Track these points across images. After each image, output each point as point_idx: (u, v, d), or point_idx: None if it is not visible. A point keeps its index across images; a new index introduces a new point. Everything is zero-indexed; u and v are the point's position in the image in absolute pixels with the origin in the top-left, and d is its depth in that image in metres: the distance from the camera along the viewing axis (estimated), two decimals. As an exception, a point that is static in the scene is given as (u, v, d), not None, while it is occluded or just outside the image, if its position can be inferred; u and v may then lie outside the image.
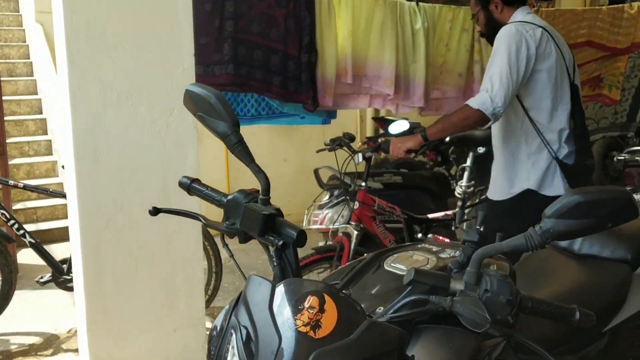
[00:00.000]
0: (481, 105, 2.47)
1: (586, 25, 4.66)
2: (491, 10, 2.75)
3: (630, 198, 1.02)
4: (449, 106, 4.29)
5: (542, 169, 2.60)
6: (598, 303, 1.52)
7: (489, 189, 2.84)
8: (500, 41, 2.55)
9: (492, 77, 2.50)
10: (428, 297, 1.04)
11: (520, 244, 1.06)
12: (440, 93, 4.05)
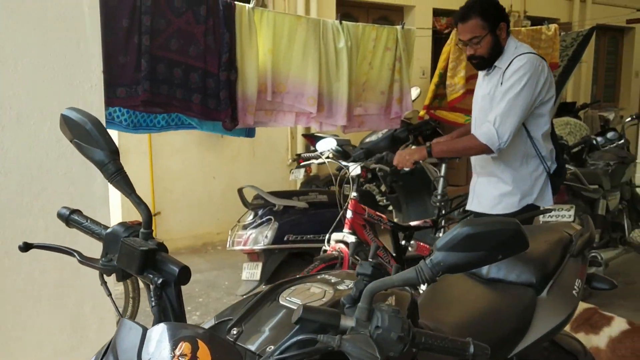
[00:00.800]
0: (488, 140, 2.64)
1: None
2: (498, 34, 2.76)
3: (519, 229, 1.01)
4: (371, 123, 4.32)
5: (541, 184, 2.82)
6: (504, 328, 1.51)
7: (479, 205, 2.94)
8: (520, 73, 2.63)
9: (503, 115, 2.63)
10: (316, 337, 0.99)
11: (412, 277, 1.02)
12: (362, 110, 4.08)
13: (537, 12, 8.72)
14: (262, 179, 5.96)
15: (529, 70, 2.64)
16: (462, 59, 4.63)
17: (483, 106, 2.89)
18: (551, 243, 1.75)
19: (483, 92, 2.91)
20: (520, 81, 2.63)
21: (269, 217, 3.53)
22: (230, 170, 6.00)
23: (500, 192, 2.85)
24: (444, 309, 1.57)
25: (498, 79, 2.78)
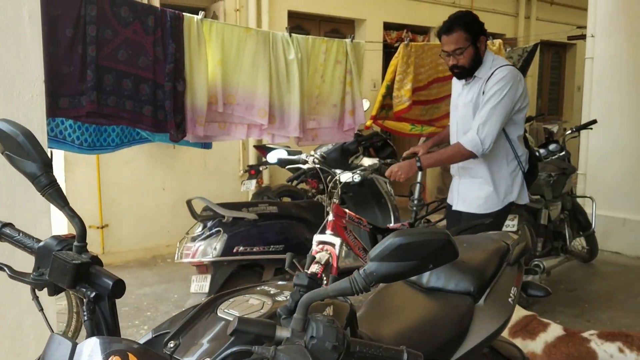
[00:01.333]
0: (473, 147, 2.93)
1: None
2: (478, 47, 3.00)
3: (449, 240, 1.04)
4: (325, 136, 4.37)
5: (519, 183, 3.15)
6: (442, 336, 1.55)
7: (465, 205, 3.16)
8: (502, 84, 2.91)
9: (486, 119, 2.91)
10: (251, 348, 0.99)
11: (346, 287, 1.04)
12: (316, 123, 4.11)
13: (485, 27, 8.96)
14: (213, 190, 5.92)
15: (509, 81, 2.91)
16: (409, 72, 4.74)
17: (465, 113, 3.12)
18: (489, 252, 1.80)
19: (464, 100, 3.13)
20: (501, 91, 2.90)
21: (218, 229, 3.51)
22: (181, 182, 5.94)
23: (484, 192, 3.11)
24: (385, 318, 1.59)
25: (479, 88, 3.02)
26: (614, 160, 5.98)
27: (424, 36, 8.52)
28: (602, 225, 5.66)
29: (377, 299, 1.72)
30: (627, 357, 2.32)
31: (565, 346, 2.41)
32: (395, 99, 4.70)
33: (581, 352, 2.38)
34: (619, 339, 2.38)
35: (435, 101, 5.03)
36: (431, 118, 5.04)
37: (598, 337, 2.42)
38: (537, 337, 2.45)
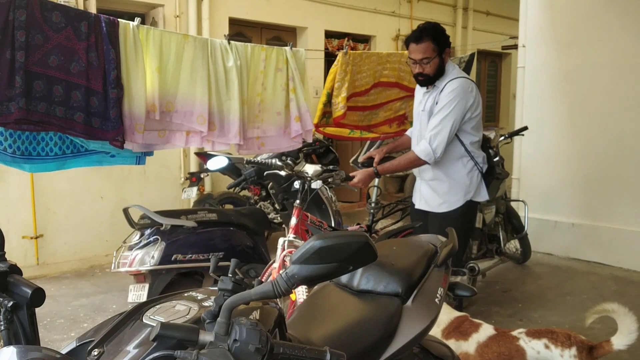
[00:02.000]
0: (425, 156, 3.19)
1: (390, 67, 5.06)
2: (443, 58, 3.23)
3: (367, 242, 1.07)
4: (271, 145, 4.36)
5: (476, 183, 3.39)
6: (371, 336, 1.59)
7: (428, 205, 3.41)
8: (452, 96, 3.14)
9: (439, 128, 3.16)
10: (173, 352, 1.00)
11: (268, 290, 1.07)
12: (261, 132, 4.11)
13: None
14: (153, 198, 5.84)
15: (459, 93, 3.15)
16: (346, 80, 4.81)
17: (422, 120, 3.38)
18: (418, 255, 1.86)
19: (425, 108, 3.35)
20: (451, 103, 3.14)
21: (156, 237, 3.48)
22: (120, 190, 5.82)
23: (444, 192, 3.36)
24: (316, 321, 1.62)
25: (434, 97, 3.26)
26: (545, 165, 6.23)
27: (365, 44, 8.67)
28: (535, 228, 5.89)
29: (309, 303, 1.75)
30: (553, 352, 2.43)
31: (496, 345, 2.50)
32: (334, 105, 4.77)
33: (511, 350, 2.48)
34: (545, 336, 2.49)
35: (373, 107, 5.12)
36: (369, 124, 5.13)
37: (526, 335, 2.53)
38: (469, 337, 2.54)
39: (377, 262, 1.77)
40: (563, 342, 2.44)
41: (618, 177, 5.69)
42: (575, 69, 5.92)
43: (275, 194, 4.94)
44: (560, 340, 2.45)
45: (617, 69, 5.62)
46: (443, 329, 2.55)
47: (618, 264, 5.57)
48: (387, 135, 5.27)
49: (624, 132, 5.62)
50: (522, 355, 2.46)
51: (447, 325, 2.56)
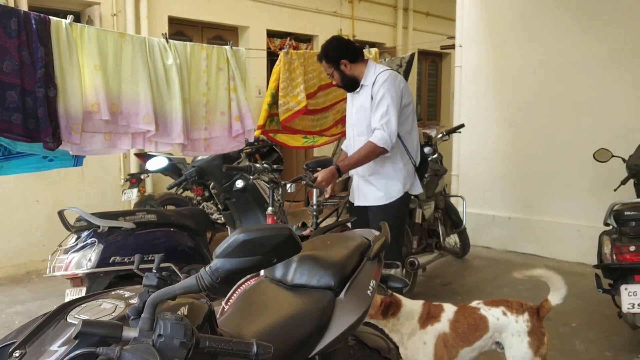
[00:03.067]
0: (384, 143, 3.30)
1: (335, 66, 5.10)
2: (342, 69, 3.50)
3: (290, 235, 1.10)
4: (217, 145, 4.31)
5: (411, 176, 3.58)
6: (304, 330, 1.62)
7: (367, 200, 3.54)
8: (388, 85, 3.36)
9: (387, 118, 3.32)
10: (95, 350, 1.00)
11: (192, 284, 1.08)
12: (208, 133, 4.06)
13: (365, 37, 9.32)
14: (92, 200, 5.70)
15: (391, 82, 3.39)
16: (294, 79, 4.82)
17: (359, 118, 3.54)
18: (350, 249, 1.90)
19: (356, 106, 3.57)
20: (389, 91, 3.36)
21: (93, 240, 3.40)
22: (57, 193, 5.65)
23: (383, 184, 3.50)
24: (250, 317, 1.64)
25: (367, 93, 3.47)
26: (482, 162, 6.43)
27: (308, 44, 8.71)
28: (474, 223, 6.07)
29: (243, 300, 1.76)
30: (509, 318, 2.71)
31: (463, 317, 2.74)
32: (281, 106, 4.76)
33: (476, 319, 2.73)
34: (502, 304, 2.77)
35: (323, 110, 5.14)
36: (321, 128, 5.15)
37: (485, 305, 2.79)
38: (440, 318, 2.73)
39: (310, 257, 1.81)
40: (517, 309, 2.73)
41: (551, 173, 5.93)
42: (510, 68, 6.14)
43: (217, 194, 4.91)
44: (514, 307, 2.73)
45: (548, 68, 5.86)
46: (418, 318, 2.71)
47: (551, 255, 5.82)
48: (335, 136, 5.32)
49: (556, 130, 5.86)
50: (485, 323, 2.71)
51: (421, 315, 2.71)
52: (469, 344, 2.70)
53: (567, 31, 5.74)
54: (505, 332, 2.70)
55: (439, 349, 2.66)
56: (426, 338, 2.67)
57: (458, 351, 2.69)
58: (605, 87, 5.53)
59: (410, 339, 2.68)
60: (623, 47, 5.43)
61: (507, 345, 2.70)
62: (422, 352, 2.66)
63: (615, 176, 4.39)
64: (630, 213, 3.54)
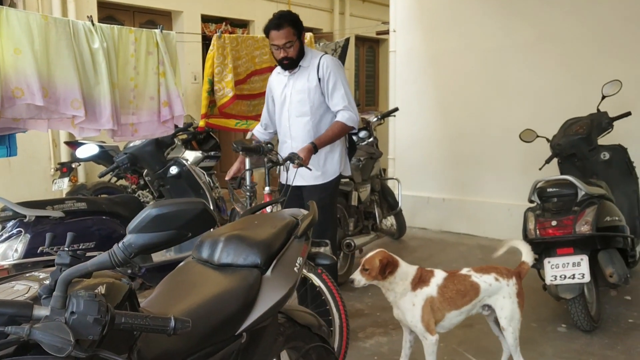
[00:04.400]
0: (353, 122, 3.48)
1: (267, 52, 5.07)
2: (302, 41, 3.51)
3: (205, 208, 1.10)
4: (146, 130, 4.22)
5: (345, 157, 3.71)
6: (230, 307, 1.63)
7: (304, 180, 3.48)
8: (336, 68, 3.51)
9: (348, 99, 3.48)
10: (3, 329, 0.98)
11: (105, 261, 1.07)
12: (136, 118, 3.98)
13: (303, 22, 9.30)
14: (21, 191, 5.50)
15: (339, 66, 3.55)
16: (227, 64, 4.78)
17: (301, 99, 3.54)
18: (277, 227, 1.92)
19: (297, 88, 3.54)
20: (340, 74, 3.50)
21: (19, 229, 3.29)
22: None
23: (322, 164, 3.56)
24: (177, 297, 1.64)
25: (308, 75, 3.50)
26: (417, 145, 6.57)
27: (244, 29, 8.63)
28: (409, 204, 6.21)
29: (169, 281, 1.75)
30: (501, 283, 2.93)
31: (452, 284, 2.90)
32: (217, 92, 4.72)
33: (466, 286, 2.90)
34: (492, 271, 2.97)
35: (259, 95, 5.11)
36: (257, 113, 5.13)
37: (475, 272, 2.97)
38: (430, 282, 2.89)
39: (237, 236, 1.82)
40: (506, 274, 2.97)
41: (482, 154, 6.12)
42: (441, 52, 6.28)
43: (151, 181, 4.84)
44: (504, 273, 2.97)
45: (478, 53, 6.03)
46: (411, 280, 2.87)
47: (484, 234, 6.02)
48: None
49: (486, 112, 6.05)
50: (477, 289, 2.91)
51: (414, 277, 2.89)
52: (456, 308, 2.89)
53: (494, 16, 5.92)
54: (496, 295, 2.93)
55: (426, 312, 2.84)
56: (415, 300, 2.85)
57: (444, 314, 2.88)
58: (531, 70, 5.74)
59: (402, 298, 2.87)
60: (547, 32, 5.65)
61: (499, 307, 2.93)
62: (410, 313, 2.85)
63: (542, 156, 4.59)
64: (552, 190, 3.71)
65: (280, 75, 3.68)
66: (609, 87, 4.37)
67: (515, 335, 2.94)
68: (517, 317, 2.94)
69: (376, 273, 2.84)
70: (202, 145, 6.43)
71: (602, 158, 4.40)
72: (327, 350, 2.21)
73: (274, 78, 3.75)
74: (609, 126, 4.43)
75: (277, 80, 3.71)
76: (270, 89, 3.79)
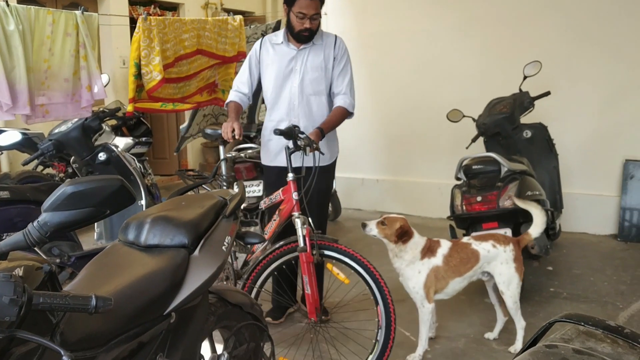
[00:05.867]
0: (353, 109, 3.51)
1: (195, 35, 4.99)
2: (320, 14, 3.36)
3: (122, 185, 1.10)
4: (57, 112, 4.10)
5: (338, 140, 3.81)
6: (157, 288, 1.62)
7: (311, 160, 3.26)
8: (346, 53, 3.51)
9: (351, 85, 3.49)
10: None
11: (20, 240, 1.05)
12: (46, 99, 3.86)
13: (234, 5, 9.18)
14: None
15: (346, 49, 3.53)
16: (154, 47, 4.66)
17: (316, 77, 3.43)
18: (205, 207, 1.92)
19: (311, 64, 3.41)
20: (348, 59, 3.51)
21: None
22: None
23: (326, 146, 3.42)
24: (102, 279, 1.61)
25: (325, 53, 3.42)
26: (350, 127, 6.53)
27: (173, 12, 8.45)
28: (344, 186, 6.30)
29: (94, 263, 1.72)
30: (498, 249, 3.14)
31: (456, 253, 3.11)
32: (144, 75, 4.59)
33: (468, 254, 3.11)
34: (490, 239, 3.19)
35: (186, 78, 5.02)
36: (184, 95, 5.04)
37: (475, 240, 3.19)
38: (436, 253, 3.10)
39: (164, 217, 1.81)
40: (503, 241, 3.18)
41: (414, 135, 6.27)
42: (372, 35, 6.36)
43: (79, 168, 4.68)
44: (501, 240, 3.19)
45: (406, 36, 6.14)
46: (421, 249, 3.08)
47: (417, 213, 6.18)
48: (200, 104, 5.24)
49: (416, 94, 6.19)
50: (477, 256, 3.11)
51: (424, 247, 3.10)
52: (459, 275, 3.09)
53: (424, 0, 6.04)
54: (494, 261, 3.12)
55: (430, 280, 3.05)
56: (422, 268, 3.05)
57: (448, 282, 3.08)
58: (457, 52, 5.91)
59: (409, 266, 3.06)
60: (472, 15, 5.82)
61: (497, 272, 3.13)
62: (414, 280, 3.04)
63: (469, 135, 4.75)
64: (477, 167, 3.86)
65: (283, 46, 3.45)
66: (530, 68, 4.55)
67: (514, 298, 3.13)
68: (515, 281, 3.12)
69: (392, 233, 3.02)
70: (133, 132, 6.28)
71: (525, 136, 4.60)
72: (259, 327, 2.23)
73: (271, 48, 3.49)
74: (531, 105, 4.62)
75: (279, 52, 3.46)
76: (260, 58, 3.52)
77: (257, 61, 3.55)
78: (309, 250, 2.91)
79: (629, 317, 3.76)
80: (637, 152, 5.38)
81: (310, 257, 2.94)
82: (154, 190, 5.29)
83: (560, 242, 5.22)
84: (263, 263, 2.97)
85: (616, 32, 5.33)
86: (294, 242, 3.00)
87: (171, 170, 8.32)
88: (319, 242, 2.94)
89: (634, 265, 4.71)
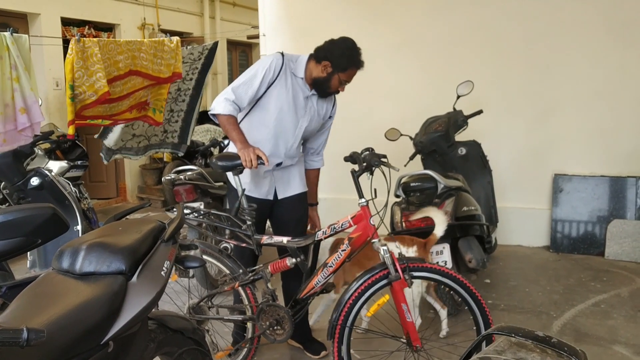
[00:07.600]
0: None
1: (130, 56, 4.91)
2: None
3: (54, 213, 1.08)
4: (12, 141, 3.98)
5: None
6: (93, 317, 1.58)
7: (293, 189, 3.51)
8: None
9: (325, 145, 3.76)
10: None
11: None
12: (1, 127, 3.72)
13: (171, 26, 9.13)
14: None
15: None
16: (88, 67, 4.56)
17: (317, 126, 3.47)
18: (143, 232, 1.89)
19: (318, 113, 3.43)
20: None
21: None
22: None
23: (302, 173, 3.56)
24: (35, 309, 1.56)
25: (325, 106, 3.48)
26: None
27: (109, 33, 8.31)
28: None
29: (26, 294, 1.67)
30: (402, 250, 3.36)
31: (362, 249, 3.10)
32: (77, 96, 4.49)
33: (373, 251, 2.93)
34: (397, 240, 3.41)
35: (119, 99, 4.94)
36: (112, 113, 4.96)
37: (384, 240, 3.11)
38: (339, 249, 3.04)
39: (99, 244, 1.77)
40: (408, 243, 3.40)
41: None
42: (310, 56, 6.43)
43: (10, 194, 4.52)
44: (406, 242, 3.41)
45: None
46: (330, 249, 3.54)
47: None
48: (127, 120, 5.18)
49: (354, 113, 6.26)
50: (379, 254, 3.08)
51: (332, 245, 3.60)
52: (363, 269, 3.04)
53: (361, 21, 6.17)
54: None
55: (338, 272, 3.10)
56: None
57: (355, 274, 3.14)
58: (394, 72, 6.06)
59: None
60: (408, 37, 5.99)
61: None
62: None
63: (407, 153, 4.86)
64: (415, 184, 3.95)
65: (300, 81, 3.34)
66: (463, 87, 4.72)
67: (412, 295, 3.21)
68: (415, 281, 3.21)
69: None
70: (68, 155, 6.12)
71: (460, 153, 4.75)
72: (202, 352, 2.21)
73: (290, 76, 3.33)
74: (464, 123, 4.78)
75: (295, 85, 3.33)
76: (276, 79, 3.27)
77: (271, 80, 3.25)
78: (402, 277, 2.77)
79: (562, 325, 3.93)
80: (565, 167, 5.65)
81: (404, 284, 2.78)
82: (91, 214, 5.16)
83: (497, 255, 5.40)
84: (350, 302, 2.82)
85: (543, 52, 5.61)
86: (379, 272, 2.84)
87: (109, 193, 8.12)
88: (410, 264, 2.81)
89: (566, 275, 4.92)
